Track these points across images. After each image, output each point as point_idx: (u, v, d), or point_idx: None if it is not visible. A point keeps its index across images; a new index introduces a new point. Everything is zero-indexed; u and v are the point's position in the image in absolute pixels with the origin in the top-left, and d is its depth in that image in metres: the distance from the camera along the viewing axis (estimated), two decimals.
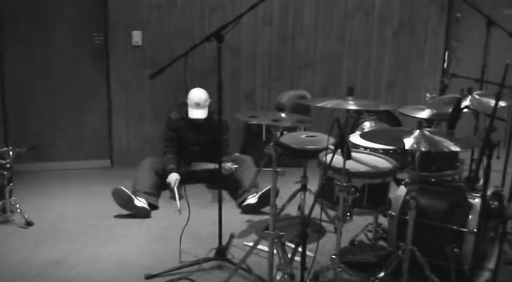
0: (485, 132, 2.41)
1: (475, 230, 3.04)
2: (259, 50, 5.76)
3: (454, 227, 3.13)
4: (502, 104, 3.76)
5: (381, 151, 3.45)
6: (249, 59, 5.76)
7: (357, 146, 3.52)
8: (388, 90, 6.20)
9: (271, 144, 2.96)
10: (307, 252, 2.71)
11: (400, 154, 3.50)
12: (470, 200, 3.19)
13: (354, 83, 6.02)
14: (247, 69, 5.78)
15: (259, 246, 3.49)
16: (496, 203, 3.26)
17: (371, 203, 3.07)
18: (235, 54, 5.70)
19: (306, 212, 3.73)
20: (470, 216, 3.11)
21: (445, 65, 6.26)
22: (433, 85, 6.15)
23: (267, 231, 3.06)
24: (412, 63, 6.22)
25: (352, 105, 3.02)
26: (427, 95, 4.02)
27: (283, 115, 3.19)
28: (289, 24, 5.78)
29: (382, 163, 3.19)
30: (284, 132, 4.07)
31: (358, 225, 3.95)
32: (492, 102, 3.61)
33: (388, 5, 5.98)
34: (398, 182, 3.51)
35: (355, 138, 3.65)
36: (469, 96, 3.58)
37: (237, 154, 5.25)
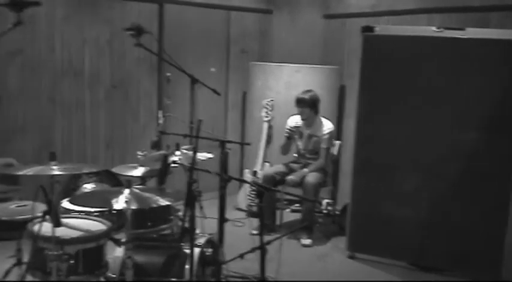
0: (187, 185, 2.54)
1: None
2: None
3: (173, 280, 3.20)
4: (208, 156, 4.04)
5: (96, 214, 3.38)
6: None
7: (69, 211, 3.40)
8: (107, 151, 6.17)
9: None
10: None
11: (116, 215, 3.47)
12: (186, 250, 3.31)
13: (70, 145, 5.85)
14: None
15: None
16: (210, 249, 3.44)
17: (87, 269, 2.97)
18: None
19: None
20: (186, 266, 3.22)
21: (160, 122, 6.49)
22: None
23: None
24: (127, 123, 6.30)
25: (55, 171, 2.93)
26: (139, 153, 4.11)
27: None
28: None
29: (96, 226, 3.12)
30: None
31: None
32: (201, 155, 3.86)
33: (97, 67, 5.99)
34: (118, 243, 3.47)
35: (66, 203, 3.51)
36: (178, 152, 3.77)
37: None
